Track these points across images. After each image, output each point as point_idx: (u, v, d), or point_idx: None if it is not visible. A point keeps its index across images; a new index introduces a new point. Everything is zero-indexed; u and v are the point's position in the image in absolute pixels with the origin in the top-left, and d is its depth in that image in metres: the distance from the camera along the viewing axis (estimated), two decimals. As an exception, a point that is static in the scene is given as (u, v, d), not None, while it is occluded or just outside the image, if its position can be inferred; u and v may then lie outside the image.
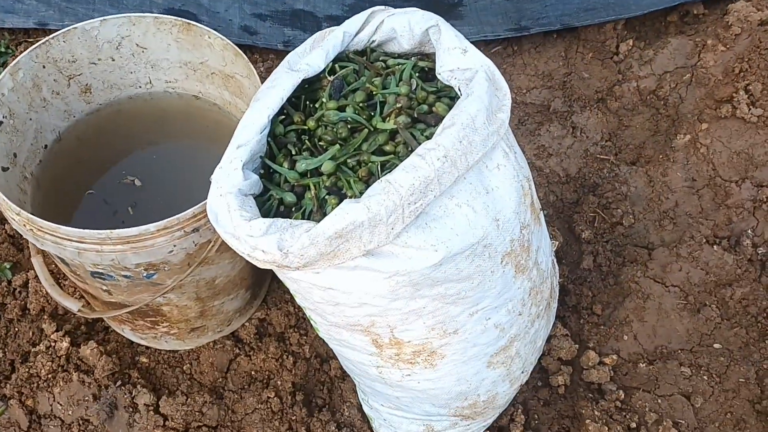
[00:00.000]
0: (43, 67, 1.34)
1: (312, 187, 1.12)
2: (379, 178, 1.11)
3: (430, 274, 1.07)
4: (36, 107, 1.36)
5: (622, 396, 1.61)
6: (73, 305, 1.28)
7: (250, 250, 1.02)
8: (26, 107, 1.34)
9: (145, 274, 1.21)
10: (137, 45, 1.40)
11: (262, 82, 1.34)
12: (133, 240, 1.10)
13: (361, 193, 1.10)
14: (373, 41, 1.27)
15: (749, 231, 1.81)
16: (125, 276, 1.21)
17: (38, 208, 1.34)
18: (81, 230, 1.08)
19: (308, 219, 1.11)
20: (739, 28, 2.02)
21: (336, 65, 1.24)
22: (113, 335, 1.59)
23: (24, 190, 1.32)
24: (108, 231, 1.08)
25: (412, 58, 1.24)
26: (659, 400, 1.61)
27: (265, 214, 1.12)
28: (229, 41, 1.32)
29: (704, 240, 1.81)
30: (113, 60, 1.41)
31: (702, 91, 2.03)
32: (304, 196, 1.15)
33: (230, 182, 1.08)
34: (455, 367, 1.25)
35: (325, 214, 1.11)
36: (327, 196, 1.12)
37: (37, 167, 1.38)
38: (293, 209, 1.13)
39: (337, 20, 2.19)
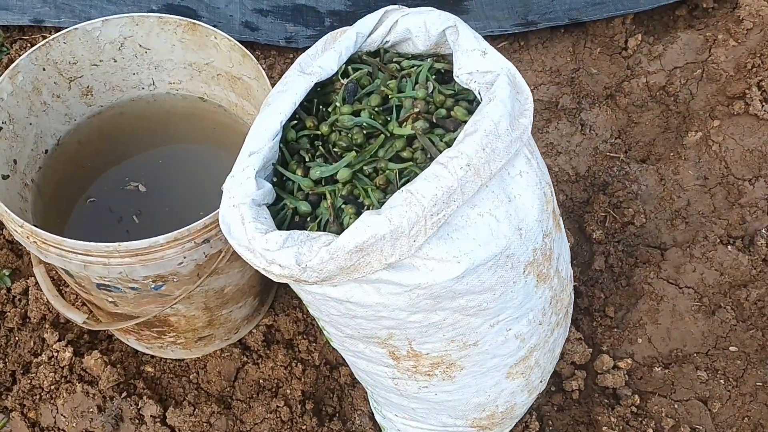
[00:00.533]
0: (43, 69, 1.29)
1: (328, 196, 1.07)
2: (397, 186, 1.07)
3: (451, 287, 1.03)
4: (36, 111, 1.31)
5: (638, 401, 1.58)
6: (77, 317, 1.24)
7: (266, 264, 0.98)
8: (26, 112, 1.29)
9: (153, 286, 1.17)
10: (140, 45, 1.35)
11: (270, 83, 1.30)
12: (142, 252, 1.06)
13: (379, 202, 1.06)
14: (387, 42, 1.23)
15: (763, 231, 1.78)
16: (132, 288, 1.17)
17: (40, 216, 1.29)
18: (87, 243, 1.03)
19: (324, 229, 1.07)
20: (751, 23, 1.98)
21: (349, 67, 1.19)
22: (117, 344, 1.54)
23: (25, 198, 1.28)
24: (116, 244, 1.03)
25: (428, 60, 1.20)
26: (676, 405, 1.58)
27: (278, 224, 1.08)
28: (236, 42, 1.27)
29: (718, 240, 1.79)
30: (115, 61, 1.36)
31: (713, 87, 1.99)
32: (319, 205, 1.11)
33: (243, 192, 1.03)
34: (474, 378, 1.22)
35: (341, 224, 1.07)
36: (343, 206, 1.07)
37: (38, 173, 1.33)
38: (308, 219, 1.09)
39: (339, 15, 2.15)
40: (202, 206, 1.32)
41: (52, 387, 1.46)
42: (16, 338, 1.54)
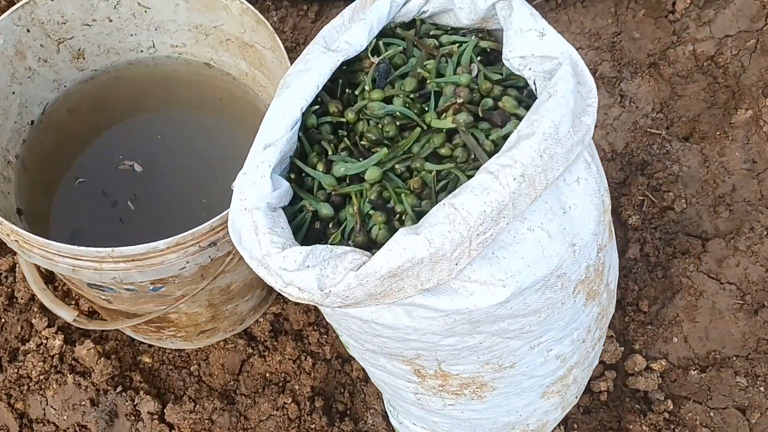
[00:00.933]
0: (27, 31, 1.12)
1: (354, 200, 0.92)
2: (434, 191, 0.93)
3: (493, 312, 0.89)
4: (20, 78, 1.15)
5: (671, 406, 1.47)
6: (67, 314, 1.11)
7: (282, 285, 0.84)
8: (8, 79, 1.13)
9: (151, 288, 1.03)
10: (139, 4, 1.17)
11: (286, 50, 1.13)
12: (139, 258, 0.92)
13: (413, 208, 0.92)
14: (424, 12, 1.06)
15: (815, 223, 1.64)
16: (128, 289, 1.03)
17: (24, 198, 1.15)
18: (76, 248, 0.90)
19: (349, 238, 0.93)
20: (816, -11, 1.79)
21: (380, 42, 1.03)
22: (112, 332, 1.42)
23: (8, 178, 1.13)
24: (109, 249, 0.90)
25: (473, 37, 1.03)
26: (711, 413, 1.47)
27: (296, 228, 0.94)
28: (249, 5, 1.10)
29: (765, 232, 1.65)
30: (110, 21, 1.19)
31: (768, 61, 1.82)
32: (342, 207, 0.96)
33: (257, 193, 0.89)
34: (506, 399, 1.10)
35: (368, 234, 0.92)
36: (371, 212, 0.93)
37: (22, 147, 1.18)
38: (330, 224, 0.95)
39: (360, -37, 1.94)
40: (206, 191, 1.18)
41: (41, 377, 1.35)
42: (2, 320, 1.41)
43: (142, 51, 1.25)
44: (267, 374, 1.42)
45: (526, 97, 0.99)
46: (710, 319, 1.57)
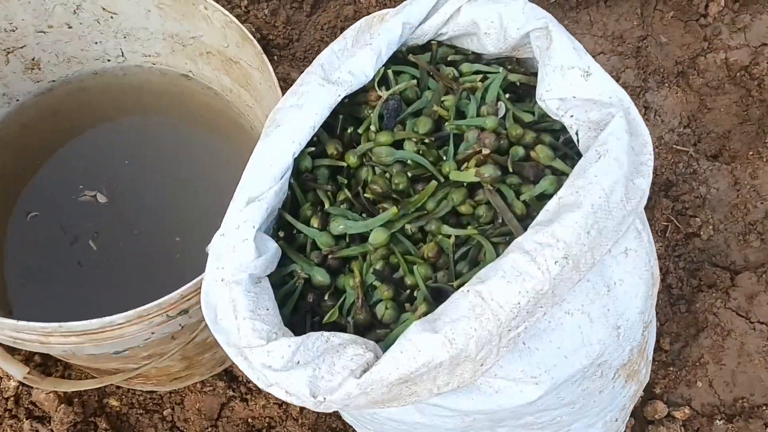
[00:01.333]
0: (-32, 40, 0.95)
1: (356, 271, 0.76)
2: (452, 260, 0.77)
3: (521, 410, 0.75)
4: (-39, 94, 0.98)
5: (694, 461, 1.34)
6: (17, 371, 0.95)
7: (265, 384, 0.68)
8: (-54, 97, 0.96)
9: (112, 352, 0.87)
10: (104, 9, 0.99)
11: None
12: (92, 332, 0.76)
13: (426, 281, 0.76)
14: (442, 34, 0.89)
15: None
16: (86, 354, 0.88)
17: (-33, 233, 0.98)
18: (16, 322, 0.73)
19: (348, 313, 0.77)
20: None
21: (389, 71, 0.86)
22: (75, 371, 1.26)
23: (-55, 210, 0.96)
24: (56, 324, 0.73)
25: (501, 70, 0.86)
26: (738, 471, 1.34)
27: (284, 296, 0.78)
28: (234, 19, 0.92)
29: (800, 266, 1.50)
30: (70, 27, 1.01)
31: (808, 74, 1.66)
32: (340, 270, 0.80)
33: (237, 261, 0.73)
34: (524, 483, 0.96)
35: (371, 310, 0.77)
36: (377, 283, 0.77)
37: (-34, 173, 1.01)
38: (326, 295, 0.79)
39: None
40: (180, 227, 1.01)
41: (-6, 423, 1.19)
42: (-49, 356, 1.25)
43: (109, 60, 1.07)
44: (249, 420, 1.28)
45: (563, 145, 0.83)
46: (738, 362, 1.43)
